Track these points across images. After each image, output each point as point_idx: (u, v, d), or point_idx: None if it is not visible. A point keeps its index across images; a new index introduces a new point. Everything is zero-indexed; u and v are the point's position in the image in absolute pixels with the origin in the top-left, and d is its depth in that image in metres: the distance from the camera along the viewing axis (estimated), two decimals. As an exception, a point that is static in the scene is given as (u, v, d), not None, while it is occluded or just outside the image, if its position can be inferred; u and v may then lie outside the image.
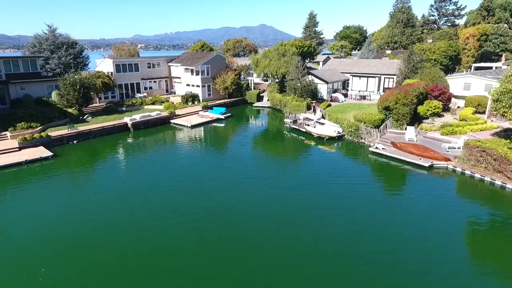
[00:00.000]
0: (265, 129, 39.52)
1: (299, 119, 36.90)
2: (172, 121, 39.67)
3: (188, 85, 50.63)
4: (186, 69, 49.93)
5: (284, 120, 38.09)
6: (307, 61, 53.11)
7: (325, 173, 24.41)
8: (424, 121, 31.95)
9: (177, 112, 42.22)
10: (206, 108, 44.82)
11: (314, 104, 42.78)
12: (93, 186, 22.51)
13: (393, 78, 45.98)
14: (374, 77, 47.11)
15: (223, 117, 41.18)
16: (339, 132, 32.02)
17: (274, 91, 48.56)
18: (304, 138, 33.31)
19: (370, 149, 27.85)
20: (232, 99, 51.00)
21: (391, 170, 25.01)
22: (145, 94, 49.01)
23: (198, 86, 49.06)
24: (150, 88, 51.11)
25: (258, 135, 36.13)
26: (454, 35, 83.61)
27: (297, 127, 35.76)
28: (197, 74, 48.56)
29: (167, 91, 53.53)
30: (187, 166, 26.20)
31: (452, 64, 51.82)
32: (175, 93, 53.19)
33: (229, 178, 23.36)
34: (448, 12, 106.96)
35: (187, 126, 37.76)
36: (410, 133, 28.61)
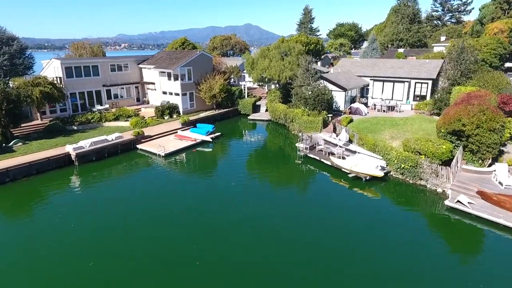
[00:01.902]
0: (268, 157, 28.83)
1: (318, 144, 26.39)
2: (139, 146, 28.52)
3: (164, 92, 39.51)
4: (161, 72, 38.80)
5: (297, 145, 27.44)
6: (315, 61, 42.67)
7: (380, 250, 13.96)
8: (504, 149, 21.91)
9: (148, 131, 31.09)
10: (187, 124, 33.81)
11: (332, 119, 32.38)
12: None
13: (427, 83, 36.08)
14: (403, 81, 37.09)
15: (210, 139, 30.26)
16: (383, 168, 21.70)
17: (275, 100, 37.95)
18: (329, 175, 22.83)
19: (447, 203, 17.57)
20: (222, 110, 40.15)
21: (496, 245, 14.83)
22: (107, 106, 37.57)
23: (177, 94, 38.01)
24: (116, 97, 39.70)
25: (259, 171, 25.36)
26: (468, 33, 75.04)
27: (316, 157, 25.20)
28: (176, 78, 37.51)
29: (138, 100, 42.21)
30: (152, 234, 15.36)
31: (501, 65, 42.32)
32: (148, 103, 41.95)
33: (224, 256, 12.65)
34: (453, 7, 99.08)
35: (159, 155, 26.72)
36: (502, 174, 18.48)
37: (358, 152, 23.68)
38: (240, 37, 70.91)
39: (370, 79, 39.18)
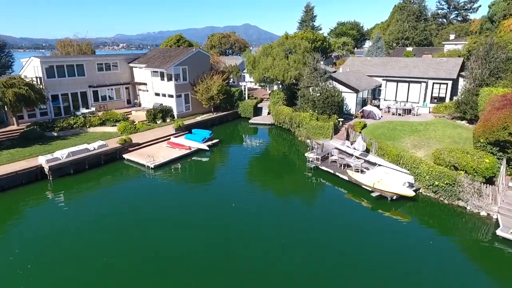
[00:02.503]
0: (273, 168, 25.37)
1: (332, 154, 22.97)
2: (126, 156, 25.05)
3: (157, 94, 36.07)
4: (154, 72, 35.36)
5: (306, 155, 24.03)
6: (321, 60, 39.33)
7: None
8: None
9: (138, 137, 27.65)
10: (181, 129, 30.39)
11: (344, 124, 29.05)
12: None
13: (446, 84, 32.75)
14: (419, 82, 33.75)
15: (207, 147, 26.82)
16: (411, 185, 18.32)
17: (279, 103, 34.55)
18: (345, 192, 19.45)
19: (501, 233, 14.20)
20: (220, 114, 36.73)
21: None
22: (93, 109, 34.09)
23: (171, 96, 34.58)
24: (104, 99, 36.23)
25: (262, 185, 21.94)
26: (476, 32, 71.80)
27: (329, 169, 21.78)
28: (169, 79, 34.07)
29: (129, 102, 38.75)
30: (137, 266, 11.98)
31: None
32: (140, 106, 38.50)
33: None
34: (459, 5, 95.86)
35: (147, 167, 23.25)
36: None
37: (379, 165, 20.31)
38: (240, 35, 67.57)
39: (383, 79, 35.83)
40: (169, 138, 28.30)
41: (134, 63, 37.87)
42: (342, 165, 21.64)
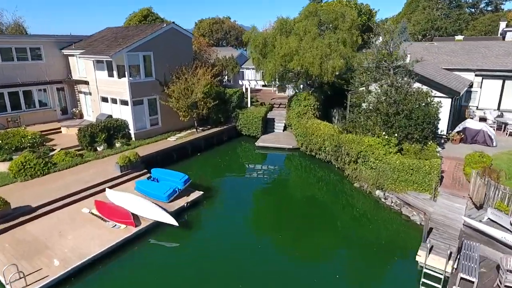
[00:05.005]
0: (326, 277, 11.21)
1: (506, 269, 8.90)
2: (-18, 248, 10.74)
3: (104, 99, 21.82)
4: (97, 61, 21.14)
5: (420, 261, 9.94)
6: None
7: None
8: None
9: (44, 186, 13.39)
10: (131, 166, 16.17)
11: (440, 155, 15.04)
12: None
13: None
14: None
15: (175, 222, 12.26)
16: None
17: (307, 114, 20.49)
18: None
19: None
20: (208, 131, 22.64)
21: None
22: (-17, 126, 19.71)
23: (124, 102, 20.37)
24: (17, 107, 21.86)
25: None
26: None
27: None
28: (122, 74, 19.90)
29: (65, 112, 24.39)
30: None
31: None
32: (81, 117, 24.18)
33: None
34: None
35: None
36: None
37: None
38: (236, 21, 53.33)
39: (476, 75, 22.04)
40: (105, 189, 14.02)
41: (69, 50, 23.48)
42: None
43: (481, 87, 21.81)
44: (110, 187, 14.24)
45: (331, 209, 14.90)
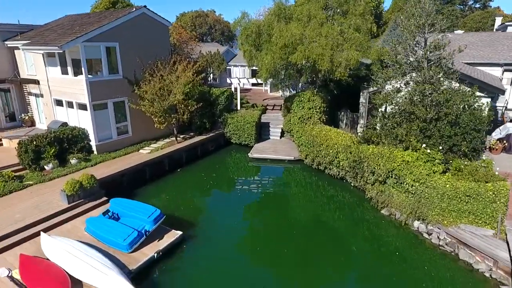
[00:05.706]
0: None
1: None
2: None
3: (59, 103, 17.45)
4: (48, 55, 16.75)
5: None
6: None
7: None
8: None
9: None
10: (85, 195, 11.99)
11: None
12: None
13: None
14: None
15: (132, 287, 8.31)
16: None
17: (312, 118, 16.76)
18: None
19: None
20: (190, 140, 18.60)
21: None
22: None
23: (83, 106, 16.06)
24: None
25: None
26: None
27: None
28: (77, 69, 15.61)
29: (12, 119, 19.81)
30: None
31: None
32: (32, 125, 19.67)
33: None
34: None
35: None
36: None
37: None
38: (222, 15, 48.85)
39: (504, 70, 18.85)
40: (37, 234, 9.79)
41: (15, 41, 18.88)
42: None
43: (511, 84, 18.63)
44: (49, 229, 10.03)
45: (349, 242, 11.16)
